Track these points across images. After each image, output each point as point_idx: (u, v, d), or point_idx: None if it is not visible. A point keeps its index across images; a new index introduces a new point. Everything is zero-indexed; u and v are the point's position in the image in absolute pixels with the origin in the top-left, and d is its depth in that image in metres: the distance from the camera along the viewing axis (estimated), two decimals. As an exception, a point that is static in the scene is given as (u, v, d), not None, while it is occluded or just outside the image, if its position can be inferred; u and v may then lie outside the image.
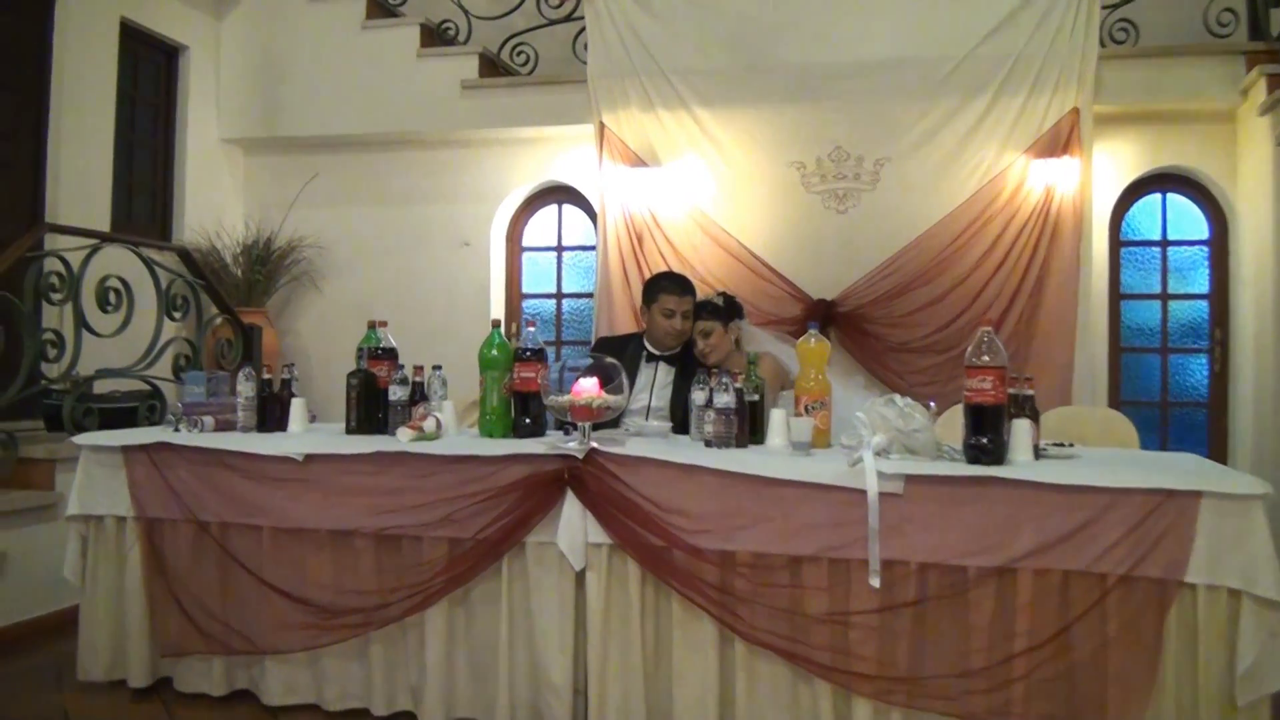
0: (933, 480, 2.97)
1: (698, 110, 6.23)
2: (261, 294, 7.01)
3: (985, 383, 2.99)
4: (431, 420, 3.60)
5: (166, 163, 7.04)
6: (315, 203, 7.22)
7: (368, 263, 7.20)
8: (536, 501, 3.29)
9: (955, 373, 5.75)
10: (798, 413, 3.43)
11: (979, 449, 3.01)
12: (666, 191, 6.26)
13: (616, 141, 6.33)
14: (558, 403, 3.35)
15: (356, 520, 3.50)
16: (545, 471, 3.31)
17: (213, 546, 3.70)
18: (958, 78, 5.91)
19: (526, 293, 7.26)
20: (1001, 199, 5.87)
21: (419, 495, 3.42)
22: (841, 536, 3.03)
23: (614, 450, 3.28)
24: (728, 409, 3.36)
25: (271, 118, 7.20)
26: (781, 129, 6.15)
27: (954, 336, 5.85)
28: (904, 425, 3.07)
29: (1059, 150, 5.78)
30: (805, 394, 3.44)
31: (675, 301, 4.38)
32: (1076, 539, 2.88)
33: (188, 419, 3.93)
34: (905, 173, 6.01)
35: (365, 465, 3.50)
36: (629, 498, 3.23)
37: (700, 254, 6.19)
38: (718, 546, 3.15)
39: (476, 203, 7.05)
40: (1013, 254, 5.87)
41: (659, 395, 4.41)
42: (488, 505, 3.33)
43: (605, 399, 3.33)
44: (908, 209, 5.98)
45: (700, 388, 3.60)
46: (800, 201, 6.15)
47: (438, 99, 6.85)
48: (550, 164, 6.96)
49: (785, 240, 6.15)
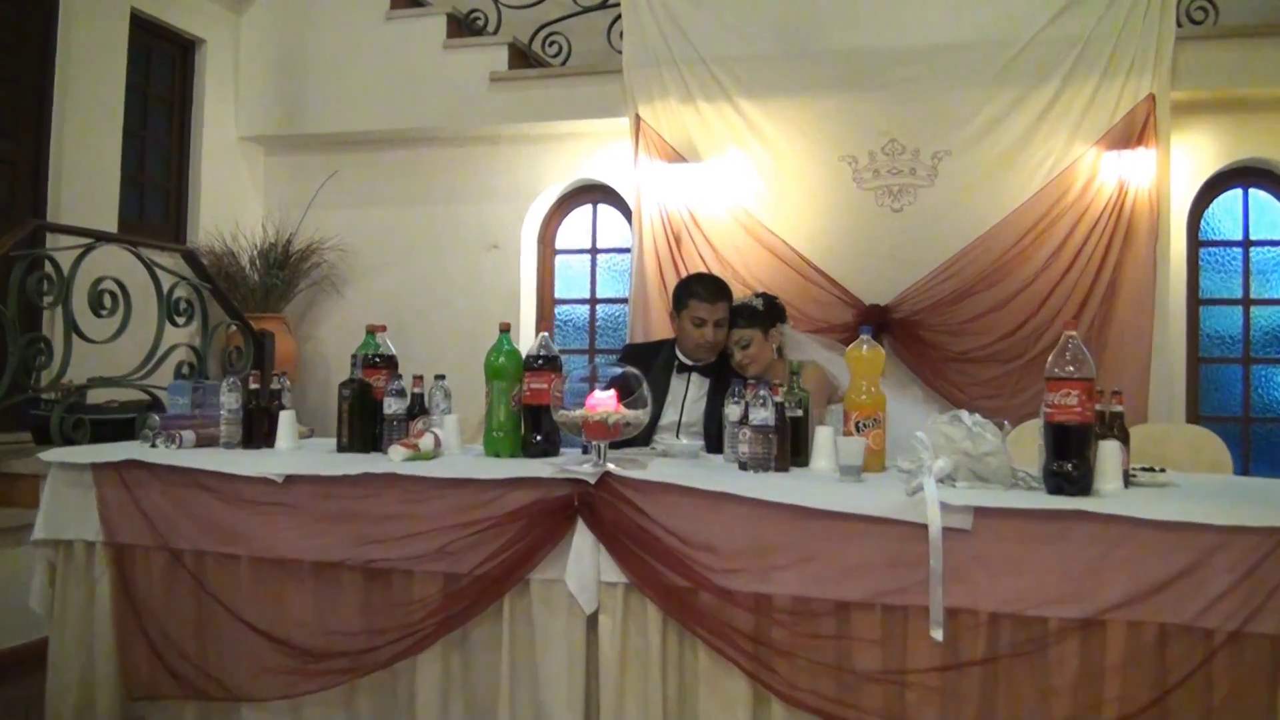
0: (1007, 514, 2.50)
1: (740, 101, 5.92)
2: (279, 299, 6.70)
3: (1070, 397, 2.52)
4: (429, 437, 3.18)
5: (181, 162, 6.81)
6: (337, 203, 6.94)
7: (392, 266, 6.90)
8: (542, 533, 2.84)
9: (1021, 384, 5.49)
10: (847, 431, 2.97)
11: (1062, 476, 2.53)
12: (706, 189, 5.96)
13: (653, 135, 6.03)
14: (569, 418, 2.91)
15: (341, 551, 3.07)
16: (552, 498, 2.86)
17: (186, 578, 3.30)
18: (1022, 63, 5.56)
19: (559, 298, 6.94)
20: (1071, 195, 5.53)
21: (411, 523, 2.99)
22: (898, 579, 2.56)
23: (631, 474, 2.83)
24: (765, 426, 2.91)
25: (292, 114, 6.94)
26: (831, 120, 5.83)
27: (1019, 345, 5.55)
28: (973, 448, 2.60)
29: (1133, 141, 5.43)
30: (856, 409, 2.98)
31: (706, 309, 3.93)
32: (1177, 587, 2.40)
33: (165, 433, 3.54)
34: (965, 167, 5.66)
35: (351, 488, 3.08)
36: (649, 530, 2.77)
37: (743, 256, 5.86)
38: (752, 589, 2.69)
39: (506, 202, 6.75)
40: (1083, 255, 5.52)
41: (691, 410, 3.96)
42: (487, 536, 2.89)
43: (624, 414, 2.89)
44: (968, 206, 5.64)
45: (735, 401, 3.16)
46: (851, 199, 5.81)
47: (465, 92, 6.56)
48: (584, 161, 6.65)
49: (835, 241, 5.81)
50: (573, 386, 3.07)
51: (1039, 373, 5.49)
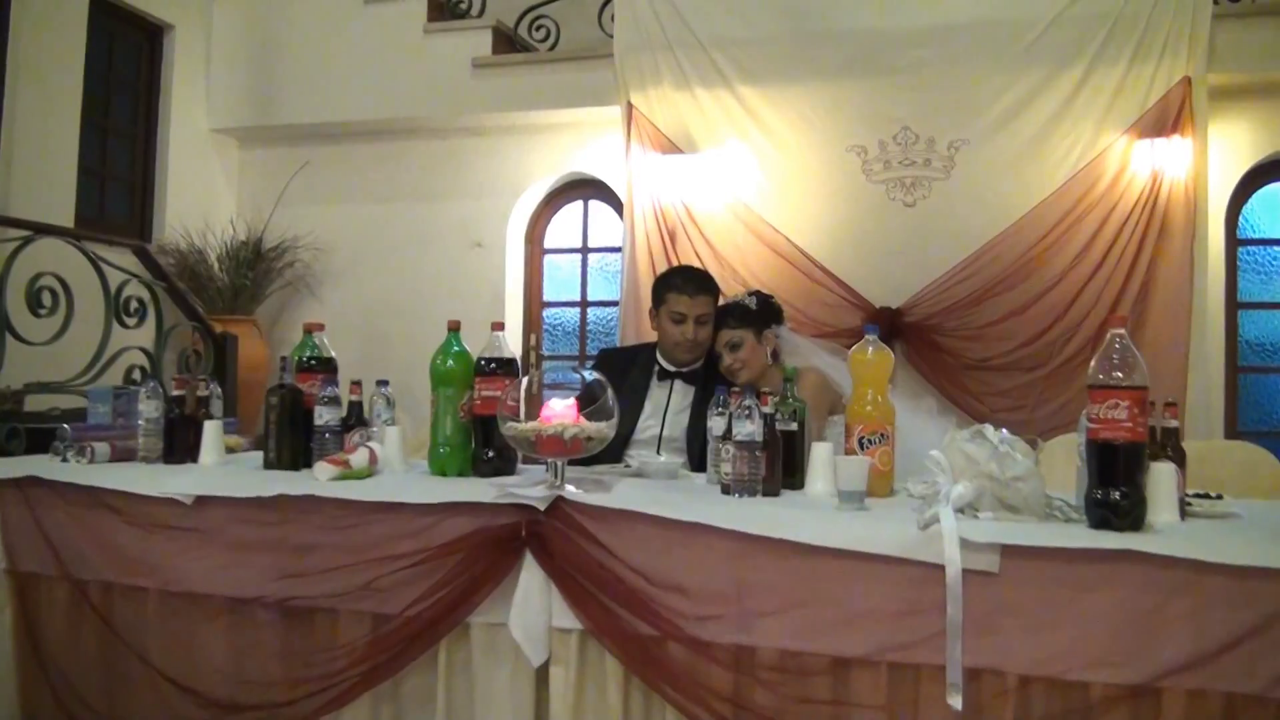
0: (1042, 553, 2.04)
1: (740, 87, 5.52)
2: (249, 301, 6.28)
3: (1118, 410, 2.08)
4: (362, 452, 2.74)
5: (147, 154, 6.42)
6: (312, 199, 6.56)
7: (370, 266, 6.51)
8: (484, 568, 2.39)
9: (1046, 395, 5.07)
10: (849, 449, 2.53)
11: (1109, 507, 2.08)
12: (703, 182, 5.56)
13: (647, 125, 5.64)
14: (518, 432, 2.46)
15: (258, 585, 2.64)
16: (495, 527, 2.41)
17: (90, 614, 2.87)
18: (1046, 44, 5.15)
19: (548, 300, 6.54)
20: (1099, 188, 5.12)
21: (334, 554, 2.55)
22: (907, 631, 2.10)
23: (588, 500, 2.37)
24: (752, 442, 2.46)
25: (266, 105, 6.57)
26: (838, 107, 5.42)
27: (1043, 352, 5.14)
28: (999, 470, 2.15)
29: (1167, 129, 5.01)
30: (860, 423, 2.53)
31: (686, 303, 3.49)
32: (1248, 648, 1.94)
33: (75, 446, 3.11)
34: (985, 157, 5.26)
35: (268, 512, 2.64)
36: (609, 567, 2.32)
37: (742, 254, 5.46)
38: (731, 639, 2.23)
39: (491, 198, 6.34)
40: (1113, 254, 5.10)
41: (673, 422, 3.51)
42: (420, 571, 2.45)
43: (583, 428, 2.44)
44: (988, 200, 5.24)
45: (718, 412, 2.73)
46: (861, 192, 5.40)
47: (447, 79, 6.17)
48: (574, 154, 6.23)
49: (843, 238, 5.41)
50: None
51: (1065, 382, 5.15)
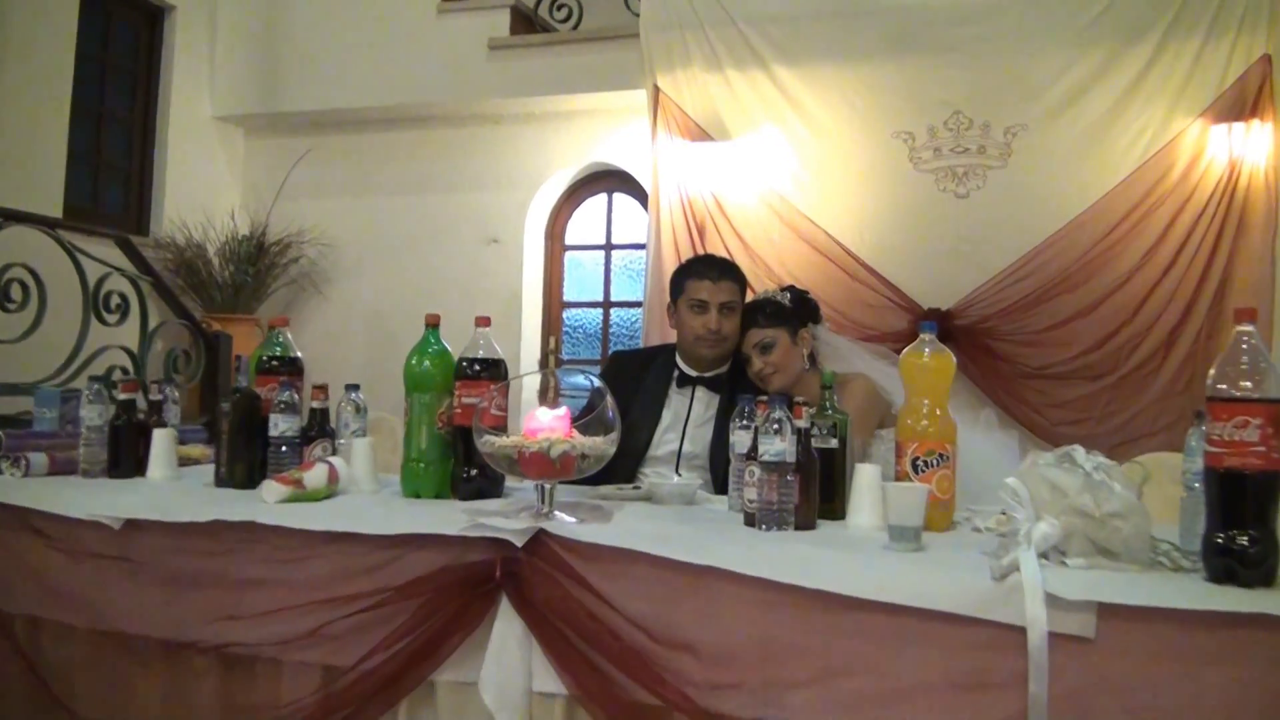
0: (1149, 615, 1.59)
1: (777, 68, 5.04)
2: (251, 298, 5.89)
3: (1249, 430, 1.61)
4: (319, 469, 2.33)
5: (145, 143, 6.06)
6: (319, 192, 6.21)
7: (378, 264, 6.13)
8: (451, 615, 1.96)
9: (1113, 407, 4.58)
10: (900, 473, 2.07)
11: (1234, 555, 1.62)
12: (735, 171, 5.09)
13: (674, 110, 5.18)
14: (496, 447, 2.03)
15: (194, 627, 2.23)
16: (465, 565, 1.98)
17: (14, 654, 2.47)
18: (1112, 19, 4.66)
19: (568, 300, 6.12)
20: (1171, 178, 4.61)
21: (279, 593, 2.13)
22: (977, 710, 1.65)
23: (578, 535, 1.94)
24: (782, 463, 2.02)
25: (273, 90, 6.22)
26: (884, 90, 4.94)
27: (1109, 359, 4.65)
28: (1094, 504, 1.69)
29: (1245, 113, 4.51)
30: (914, 440, 2.08)
31: (708, 288, 3.05)
32: None
33: (9, 456, 2.72)
34: (1044, 144, 4.76)
35: (206, 540, 2.22)
36: (602, 618, 1.88)
37: (777, 249, 5.00)
38: (754, 714, 1.78)
39: (508, 190, 5.94)
40: (1186, 250, 4.59)
41: (695, 436, 3.06)
42: (376, 617, 2.02)
43: (574, 443, 2.01)
44: (1047, 191, 4.75)
45: (742, 425, 2.28)
46: (908, 182, 4.92)
47: (461, 62, 5.77)
48: (598, 143, 5.83)
49: (887, 232, 4.93)
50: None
51: (1133, 393, 4.60)
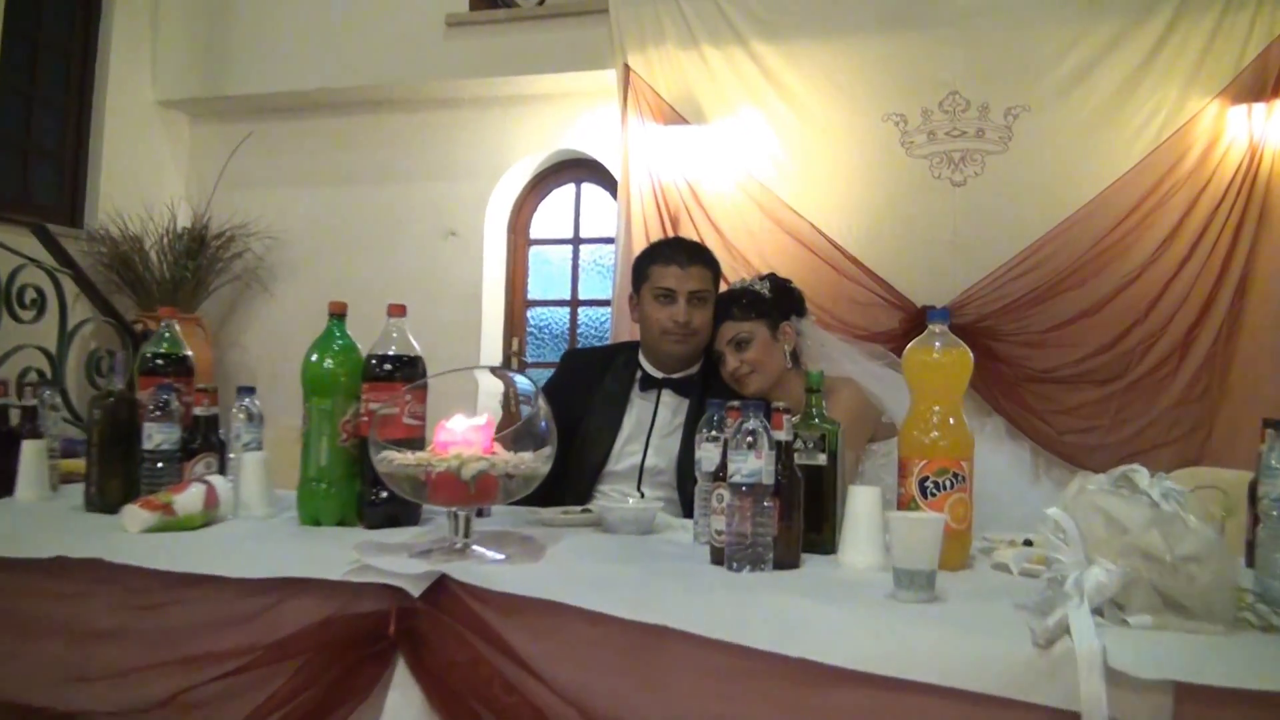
0: (1240, 699, 1.17)
1: (757, 45, 4.73)
2: (191, 296, 5.47)
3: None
4: (194, 491, 1.91)
5: (81, 127, 5.62)
6: (266, 182, 5.81)
7: (328, 258, 5.70)
8: (336, 679, 1.55)
9: (1125, 414, 4.27)
10: (903, 496, 1.67)
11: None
12: (712, 157, 4.77)
13: (646, 90, 4.84)
14: (396, 466, 1.62)
15: (40, 688, 1.81)
16: (352, 618, 1.57)
17: None
18: None
19: (533, 299, 5.72)
20: (1187, 163, 4.32)
21: (131, 649, 1.72)
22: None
23: (490, 583, 1.52)
24: (757, 484, 1.61)
25: (220, 73, 5.81)
26: (874, 69, 4.64)
27: (1120, 361, 4.33)
28: (1163, 545, 1.29)
29: (1267, 92, 4.24)
30: (923, 456, 1.69)
31: (676, 275, 2.68)
32: None
33: None
34: (1048, 127, 4.47)
35: (49, 579, 1.81)
36: (520, 687, 1.46)
37: (757, 241, 4.66)
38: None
39: (467, 180, 5.53)
40: (1204, 242, 4.29)
41: (660, 447, 2.66)
42: (247, 681, 1.61)
43: (496, 461, 1.60)
44: (1052, 179, 4.46)
45: (710, 436, 1.88)
46: (899, 169, 4.61)
47: (417, 41, 5.38)
48: (564, 128, 5.43)
49: (878, 223, 4.62)
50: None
51: (1147, 398, 4.05)
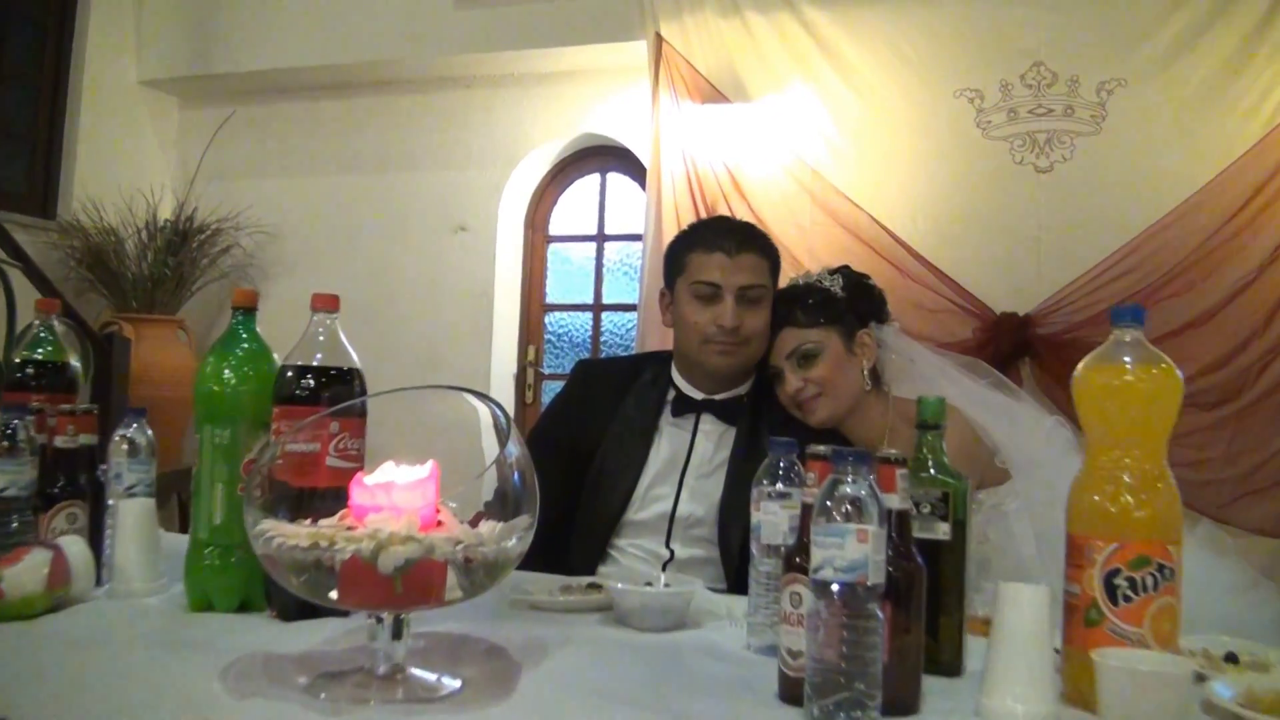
0: None
1: (809, 11, 4.24)
2: (171, 295, 5.01)
3: None
4: (36, 559, 1.35)
5: (55, 110, 5.21)
6: (257, 171, 5.41)
7: (326, 255, 5.25)
8: None
9: (1239, 445, 3.68)
10: (1078, 597, 1.07)
11: None
12: (756, 139, 4.28)
13: (681, 64, 4.35)
14: (276, 546, 1.03)
15: None
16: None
17: None
18: None
19: (551, 302, 5.21)
20: None
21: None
22: None
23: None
24: (857, 581, 1.01)
25: (208, 51, 5.36)
26: (944, 37, 4.15)
27: (1234, 380, 3.79)
28: None
29: None
30: (1107, 535, 1.10)
31: (721, 266, 2.13)
32: None
33: None
34: (1147, 105, 3.95)
35: None
36: None
37: (807, 236, 4.15)
38: None
39: (479, 168, 5.04)
40: None
41: (699, 490, 2.08)
42: None
43: (438, 540, 1.01)
44: (1152, 164, 3.95)
45: (773, 491, 1.32)
46: (974, 153, 4.11)
47: (423, 11, 4.89)
48: (589, 110, 4.92)
49: (948, 216, 4.13)
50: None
51: (1265, 426, 3.48)
